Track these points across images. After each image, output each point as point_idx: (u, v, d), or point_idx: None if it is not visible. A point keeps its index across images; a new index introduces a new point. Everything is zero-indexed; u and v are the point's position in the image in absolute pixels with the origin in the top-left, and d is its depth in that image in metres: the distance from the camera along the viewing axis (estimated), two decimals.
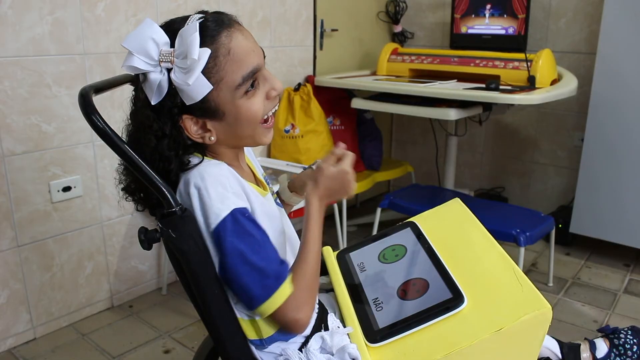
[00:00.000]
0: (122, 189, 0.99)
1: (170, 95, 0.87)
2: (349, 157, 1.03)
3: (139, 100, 0.90)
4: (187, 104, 0.88)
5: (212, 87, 0.87)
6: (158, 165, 0.89)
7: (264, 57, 0.95)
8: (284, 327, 0.92)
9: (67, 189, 2.00)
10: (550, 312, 0.90)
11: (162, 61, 0.85)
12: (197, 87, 0.86)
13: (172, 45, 0.86)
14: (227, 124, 0.93)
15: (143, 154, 0.89)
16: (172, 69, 0.86)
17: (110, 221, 2.17)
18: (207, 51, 0.85)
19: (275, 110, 1.00)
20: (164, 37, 0.86)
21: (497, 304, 0.94)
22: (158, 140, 0.89)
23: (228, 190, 0.88)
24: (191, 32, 0.84)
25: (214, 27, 0.87)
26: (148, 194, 0.96)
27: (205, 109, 0.90)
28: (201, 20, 0.87)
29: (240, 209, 0.87)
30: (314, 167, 1.17)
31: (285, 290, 0.88)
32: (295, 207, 1.32)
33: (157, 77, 0.86)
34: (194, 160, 0.92)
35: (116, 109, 2.06)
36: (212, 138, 0.93)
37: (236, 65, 0.88)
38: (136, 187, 0.97)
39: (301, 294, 0.90)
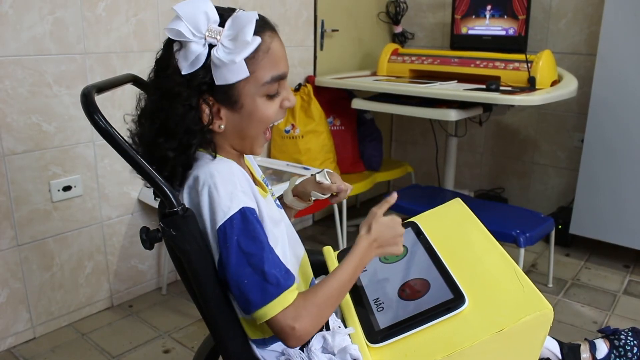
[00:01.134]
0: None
1: (204, 70, 0.87)
2: (396, 219, 1.04)
3: (170, 67, 0.89)
4: (217, 84, 0.88)
5: (248, 74, 0.88)
6: (182, 138, 0.89)
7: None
8: (278, 335, 0.88)
9: (67, 188, 2.00)
10: (551, 312, 0.90)
11: (209, 36, 0.86)
12: (236, 69, 0.87)
13: (221, 25, 0.88)
14: (241, 117, 0.93)
15: (164, 123, 0.89)
16: (215, 46, 0.86)
17: (110, 221, 2.17)
18: (258, 39, 0.87)
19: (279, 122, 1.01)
20: (216, 16, 0.88)
21: (498, 305, 0.94)
22: (186, 110, 0.88)
23: (237, 188, 0.88)
24: (249, 17, 0.87)
25: (261, 24, 0.90)
26: (159, 170, 0.93)
27: (228, 96, 0.90)
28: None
29: (250, 208, 0.87)
30: (317, 176, 1.17)
31: (286, 299, 0.85)
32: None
33: (199, 49, 0.86)
34: (206, 157, 0.93)
35: (117, 108, 2.07)
36: (222, 126, 0.93)
37: (270, 64, 0.91)
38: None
39: (305, 306, 0.87)
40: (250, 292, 0.85)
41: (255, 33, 0.87)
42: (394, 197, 1.06)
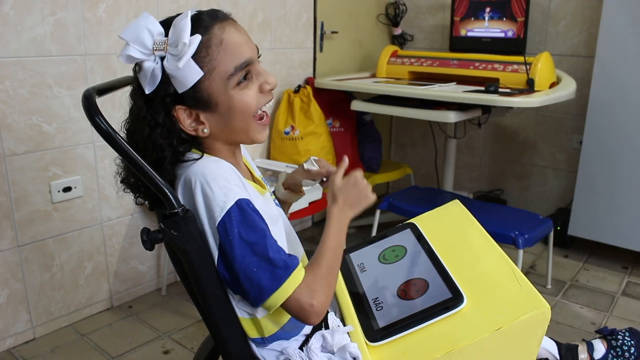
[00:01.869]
0: (121, 181, 1.00)
1: (164, 84, 0.89)
2: (358, 171, 1.06)
3: (135, 92, 0.92)
4: (180, 92, 0.89)
5: (202, 73, 0.88)
6: (151, 155, 0.90)
7: (259, 55, 0.96)
8: (297, 316, 0.90)
9: (67, 189, 2.00)
10: (549, 311, 0.91)
11: (156, 50, 0.87)
12: (187, 72, 0.87)
13: (166, 35, 0.89)
14: (220, 116, 0.93)
15: (137, 144, 0.90)
16: (165, 57, 0.87)
17: (110, 222, 2.17)
18: (197, 37, 0.87)
19: (269, 105, 1.00)
20: (158, 28, 0.88)
21: (496, 304, 0.95)
22: (151, 129, 0.90)
23: (230, 182, 0.88)
24: (183, 19, 0.87)
25: (208, 19, 0.90)
26: (148, 187, 0.95)
27: (197, 99, 0.91)
28: (195, 13, 0.90)
29: (245, 199, 0.88)
30: (305, 165, 1.17)
31: (296, 278, 0.88)
32: (292, 209, 1.31)
33: (151, 65, 0.87)
34: (193, 156, 0.93)
35: (117, 109, 2.07)
36: (205, 130, 0.93)
37: (229, 55, 0.90)
38: (135, 180, 0.98)
39: (315, 281, 0.90)
40: (261, 279, 0.86)
41: (202, 30, 0.88)
42: (345, 161, 1.09)
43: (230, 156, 1.00)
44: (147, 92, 0.89)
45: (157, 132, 0.90)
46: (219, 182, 0.87)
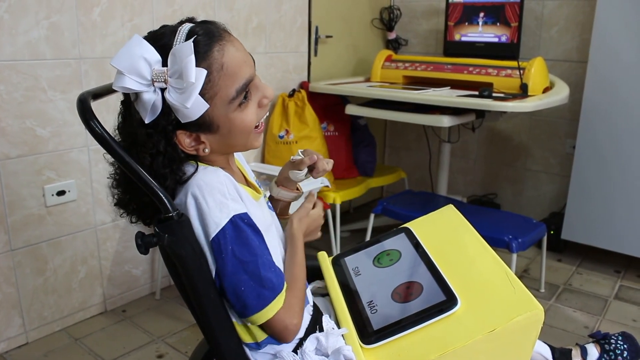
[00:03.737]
0: (115, 204, 0.98)
1: (165, 114, 0.86)
2: (320, 205, 1.16)
3: (130, 117, 0.89)
4: (183, 122, 0.87)
5: (208, 106, 0.86)
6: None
7: (254, 63, 0.94)
8: (273, 335, 0.95)
9: (61, 193, 2.00)
10: (542, 313, 0.92)
11: (155, 81, 0.83)
12: (194, 107, 0.85)
13: (164, 62, 0.84)
14: (221, 136, 0.92)
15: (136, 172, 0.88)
16: (166, 88, 0.84)
17: (104, 225, 2.17)
18: (203, 72, 0.83)
19: (267, 116, 0.99)
20: (155, 55, 0.84)
21: (490, 306, 0.95)
22: (153, 158, 0.87)
23: (227, 197, 0.88)
24: (187, 54, 0.82)
25: (206, 41, 0.85)
26: (141, 205, 0.95)
27: (200, 124, 0.89)
28: (191, 35, 0.85)
29: (240, 214, 0.88)
30: (292, 158, 1.16)
31: (279, 301, 0.91)
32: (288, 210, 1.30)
33: (151, 97, 0.84)
34: (189, 169, 0.91)
35: (112, 113, 2.06)
36: (207, 150, 0.92)
37: (230, 79, 0.87)
38: (130, 198, 0.96)
39: (292, 304, 0.94)
40: (248, 297, 0.88)
41: (202, 56, 0.84)
42: (315, 195, 1.16)
43: (224, 164, 1.00)
44: (146, 122, 0.86)
45: (159, 160, 0.88)
46: (215, 197, 0.87)
